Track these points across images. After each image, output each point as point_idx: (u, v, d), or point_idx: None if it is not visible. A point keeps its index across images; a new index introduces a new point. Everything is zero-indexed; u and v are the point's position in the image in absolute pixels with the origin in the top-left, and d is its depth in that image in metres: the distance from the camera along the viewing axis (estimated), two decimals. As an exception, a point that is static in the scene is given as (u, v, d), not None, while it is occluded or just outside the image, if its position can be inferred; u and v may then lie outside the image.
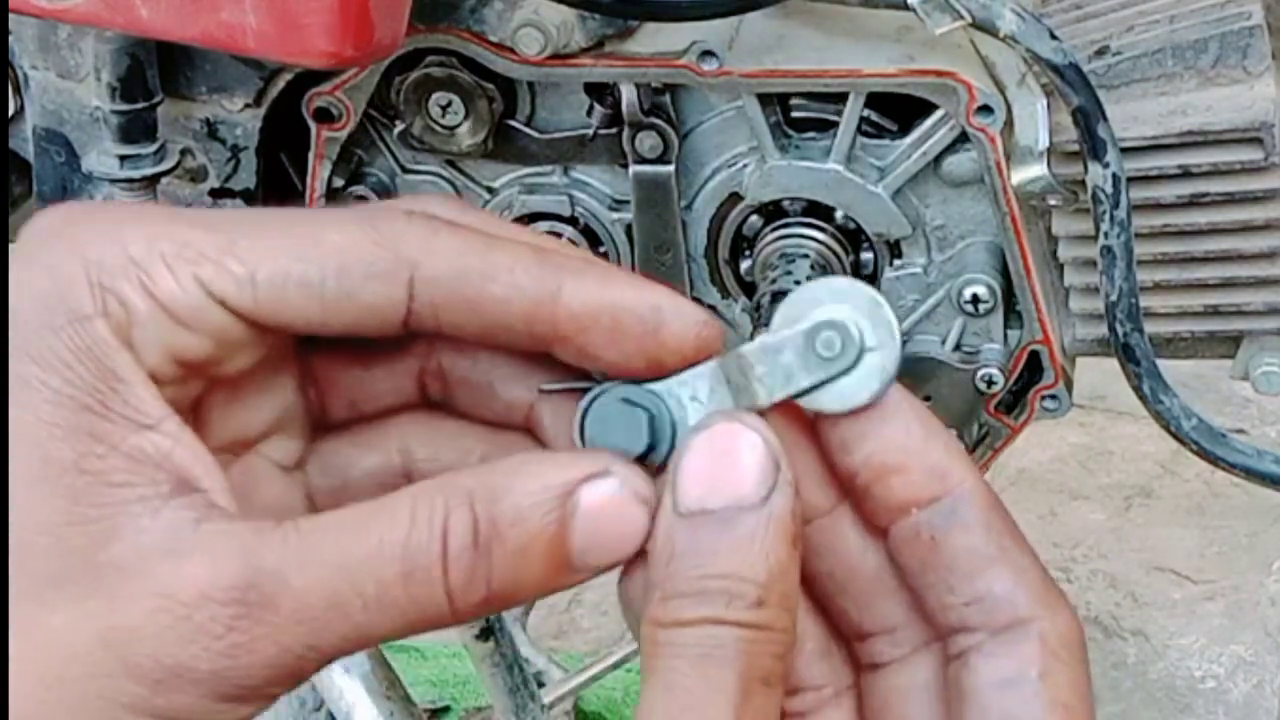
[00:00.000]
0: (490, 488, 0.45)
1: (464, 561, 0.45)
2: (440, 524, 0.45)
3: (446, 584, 0.45)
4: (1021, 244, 0.92)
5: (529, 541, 0.45)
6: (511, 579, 0.45)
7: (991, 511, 0.48)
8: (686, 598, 0.45)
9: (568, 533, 0.45)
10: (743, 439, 0.46)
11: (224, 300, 0.46)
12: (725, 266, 0.99)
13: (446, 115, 0.95)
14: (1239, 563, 2.36)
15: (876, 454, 0.48)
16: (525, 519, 0.45)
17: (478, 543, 0.45)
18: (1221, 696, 2.16)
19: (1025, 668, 0.47)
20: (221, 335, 0.46)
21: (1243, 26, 0.89)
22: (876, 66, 0.90)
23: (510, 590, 0.45)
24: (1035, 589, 0.47)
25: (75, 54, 0.95)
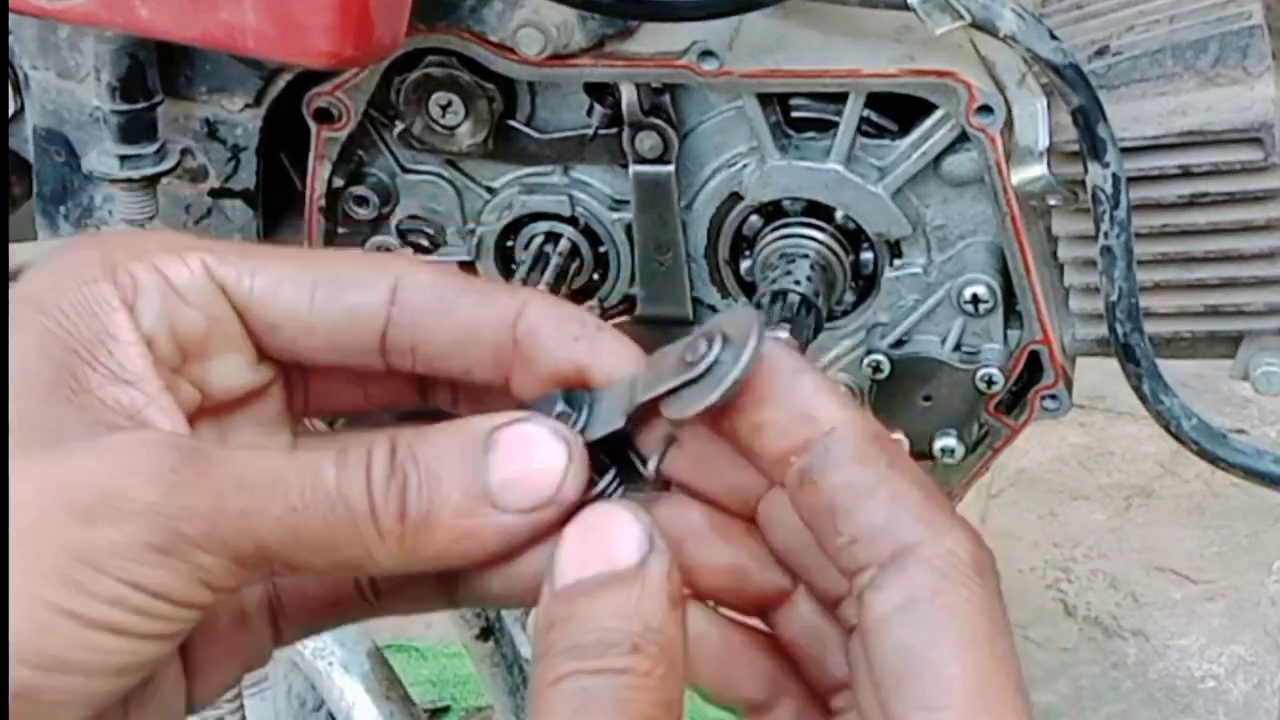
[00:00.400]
0: (417, 433, 0.48)
1: (381, 474, 0.46)
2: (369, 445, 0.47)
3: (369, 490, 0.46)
4: (1021, 244, 0.92)
5: (442, 466, 0.46)
6: (427, 501, 0.46)
7: (866, 443, 0.47)
8: (562, 655, 0.45)
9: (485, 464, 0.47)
10: (613, 518, 0.47)
11: (223, 285, 0.49)
12: (725, 266, 0.99)
13: (446, 115, 0.95)
14: (1239, 563, 2.36)
15: (747, 412, 0.48)
16: (441, 449, 0.47)
17: (394, 462, 0.47)
18: (1221, 696, 2.16)
19: (913, 592, 0.45)
20: (217, 319, 0.49)
21: (1243, 26, 0.89)
22: (876, 66, 0.90)
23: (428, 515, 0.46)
24: (917, 512, 0.46)
25: (75, 54, 0.95)
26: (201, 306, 0.49)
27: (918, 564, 0.46)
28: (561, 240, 0.99)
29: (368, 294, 0.50)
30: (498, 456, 0.47)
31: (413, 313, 0.50)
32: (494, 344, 0.50)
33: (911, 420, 0.97)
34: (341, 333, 0.50)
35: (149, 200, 0.94)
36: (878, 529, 0.46)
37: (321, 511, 0.46)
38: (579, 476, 0.48)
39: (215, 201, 0.99)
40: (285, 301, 0.49)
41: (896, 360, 0.95)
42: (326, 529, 0.46)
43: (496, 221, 1.00)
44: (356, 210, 1.01)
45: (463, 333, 0.50)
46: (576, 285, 1.00)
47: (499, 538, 0.47)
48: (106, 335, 0.47)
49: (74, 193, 0.99)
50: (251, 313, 0.49)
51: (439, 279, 0.50)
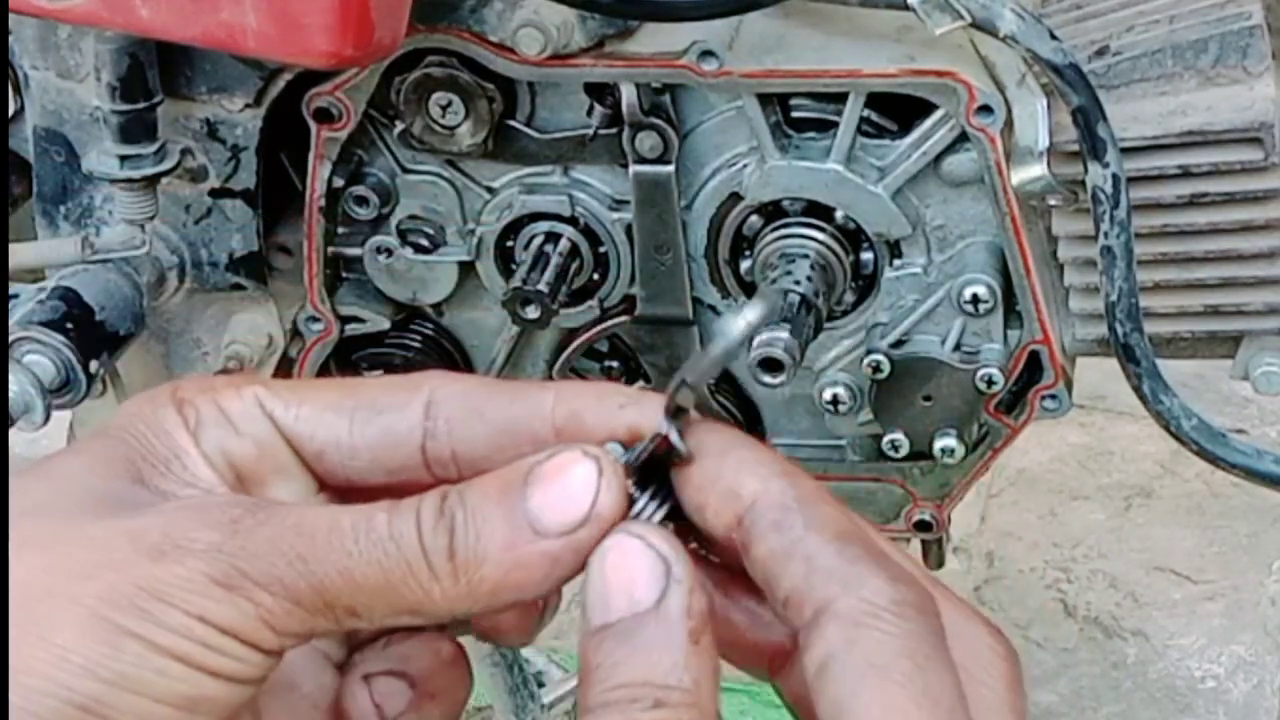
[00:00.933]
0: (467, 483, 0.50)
1: (430, 517, 0.49)
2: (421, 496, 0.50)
3: (419, 531, 0.48)
4: (1021, 244, 0.92)
5: (487, 505, 0.49)
6: (474, 537, 0.48)
7: (782, 511, 0.49)
8: (596, 711, 0.47)
9: (524, 491, 0.49)
10: (629, 548, 0.49)
11: (272, 415, 0.53)
12: (725, 266, 0.99)
13: (446, 115, 0.95)
14: (1239, 563, 2.36)
15: (689, 496, 0.51)
16: (486, 489, 0.49)
17: (443, 506, 0.49)
18: (1221, 696, 2.16)
19: (830, 648, 0.47)
20: (267, 446, 0.53)
21: (1243, 26, 0.89)
22: (876, 66, 0.90)
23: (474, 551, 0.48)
24: (829, 570, 0.48)
25: (75, 54, 0.95)
26: (252, 435, 0.52)
27: (831, 619, 0.47)
28: (561, 240, 0.99)
29: (403, 413, 0.52)
30: (535, 485, 0.49)
31: (448, 422, 0.52)
32: (531, 438, 0.52)
33: (911, 420, 0.97)
34: (383, 450, 0.53)
35: (149, 200, 0.94)
36: (799, 591, 0.48)
37: (376, 555, 0.48)
38: (613, 491, 0.49)
39: (215, 201, 0.99)
40: (327, 428, 0.53)
41: (896, 360, 0.95)
42: (381, 572, 0.48)
43: (496, 221, 1.00)
44: (356, 210, 1.01)
45: (499, 433, 0.52)
46: (576, 285, 1.00)
47: (546, 564, 0.49)
48: (180, 450, 0.51)
49: (74, 193, 0.99)
50: (299, 441, 0.53)
51: (470, 387, 0.53)
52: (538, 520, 0.48)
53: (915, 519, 1.04)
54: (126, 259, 0.97)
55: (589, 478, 0.49)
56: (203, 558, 0.47)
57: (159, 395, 0.53)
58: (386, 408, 0.53)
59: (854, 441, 1.03)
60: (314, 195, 0.98)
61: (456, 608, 0.49)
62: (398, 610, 0.49)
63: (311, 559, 0.48)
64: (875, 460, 1.02)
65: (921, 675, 0.46)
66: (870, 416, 0.99)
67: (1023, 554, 2.40)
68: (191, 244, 1.01)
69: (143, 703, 0.46)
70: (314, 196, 0.99)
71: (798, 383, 0.97)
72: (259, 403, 0.53)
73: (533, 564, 0.49)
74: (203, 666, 0.47)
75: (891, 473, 1.03)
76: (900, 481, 1.03)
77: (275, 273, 1.03)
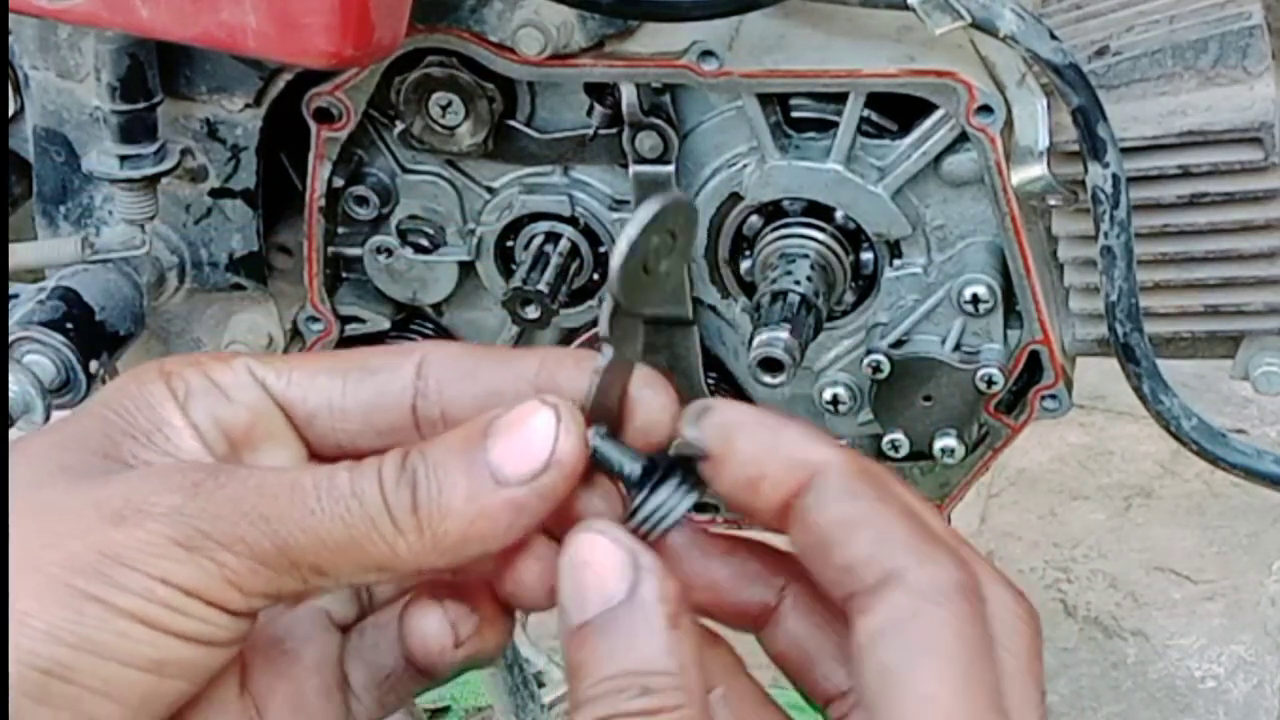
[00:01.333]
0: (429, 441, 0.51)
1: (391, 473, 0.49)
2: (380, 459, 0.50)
3: (381, 487, 0.49)
4: (1021, 244, 0.92)
5: (449, 458, 0.49)
6: (437, 490, 0.49)
7: (854, 480, 0.50)
8: (585, 706, 0.48)
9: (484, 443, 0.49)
10: (596, 545, 0.49)
11: (264, 382, 0.53)
12: (725, 266, 0.99)
13: (446, 115, 0.95)
14: (1239, 563, 2.36)
15: (735, 477, 0.51)
16: (448, 444, 0.50)
17: (405, 462, 0.50)
18: (1221, 696, 2.16)
19: (894, 615, 0.48)
20: (260, 412, 0.53)
21: (1243, 26, 0.89)
22: (876, 66, 0.90)
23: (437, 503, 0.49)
24: (902, 542, 0.49)
25: (75, 54, 0.95)
26: (244, 402, 0.53)
27: (900, 589, 0.48)
28: (561, 240, 0.99)
29: (395, 374, 0.53)
30: (495, 437, 0.50)
31: (438, 383, 0.53)
32: (516, 401, 0.52)
33: (911, 420, 0.97)
34: (375, 411, 0.53)
35: (149, 200, 0.94)
36: (866, 558, 0.49)
37: (339, 511, 0.49)
38: (572, 435, 0.50)
39: (215, 201, 0.99)
40: (320, 391, 0.53)
41: (896, 360, 0.95)
42: (345, 528, 0.49)
43: (496, 221, 1.00)
44: (356, 210, 1.01)
45: (487, 394, 0.52)
46: (576, 285, 1.00)
47: (510, 512, 0.49)
48: (163, 422, 0.51)
49: (74, 193, 0.99)
50: (291, 406, 0.53)
51: (460, 350, 0.54)
52: (499, 470, 0.49)
53: (915, 519, 1.04)
54: (126, 259, 0.97)
55: (548, 425, 0.49)
56: (164, 520, 0.47)
57: (144, 371, 0.53)
58: (380, 369, 0.53)
59: (854, 441, 1.03)
60: (314, 195, 0.98)
61: (423, 561, 0.49)
62: (364, 567, 0.49)
63: (274, 518, 0.48)
64: (875, 460, 1.02)
65: (975, 662, 0.47)
66: (870, 416, 0.99)
67: (1023, 554, 2.40)
68: (191, 244, 1.01)
69: (107, 666, 0.47)
70: (314, 196, 0.99)
71: (798, 383, 0.97)
72: (249, 371, 0.53)
73: (496, 513, 0.49)
74: (167, 629, 0.47)
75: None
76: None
77: (275, 273, 1.03)
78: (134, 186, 0.93)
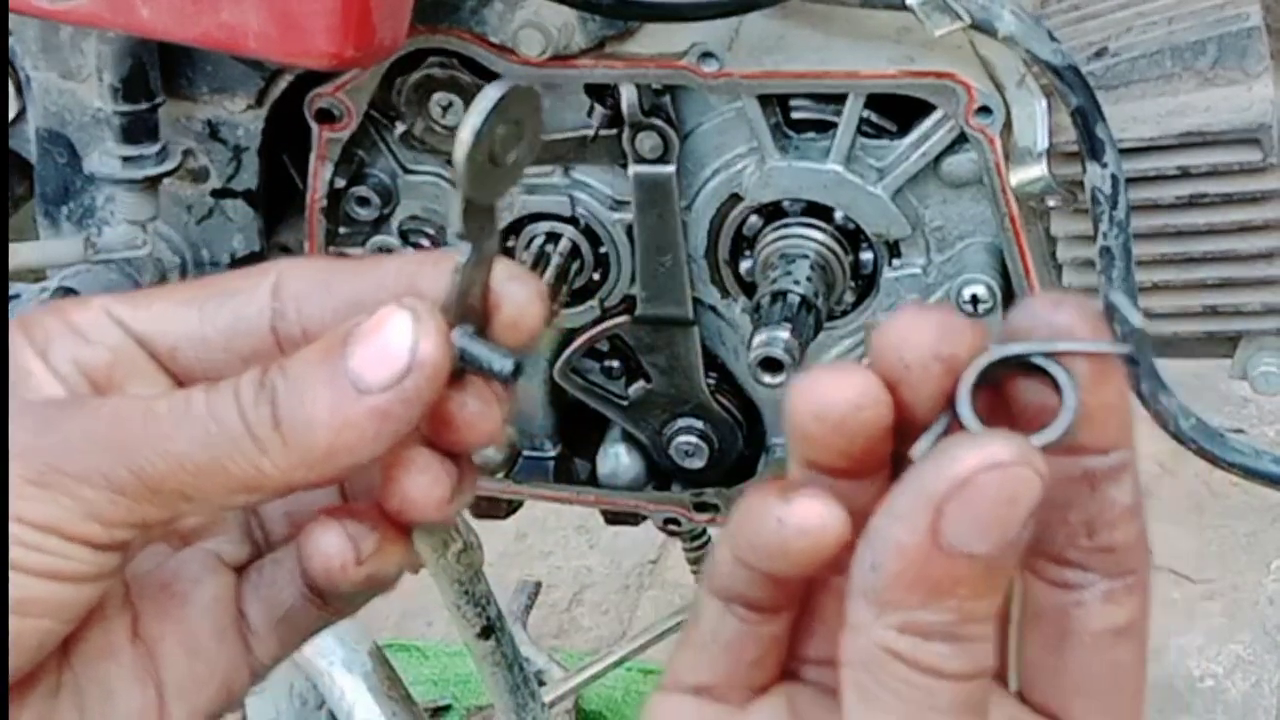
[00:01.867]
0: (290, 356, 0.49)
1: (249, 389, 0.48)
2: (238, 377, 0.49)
3: (239, 404, 0.48)
4: (1021, 244, 0.93)
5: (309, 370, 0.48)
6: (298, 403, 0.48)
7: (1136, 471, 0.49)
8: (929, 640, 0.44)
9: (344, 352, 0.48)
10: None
11: (121, 320, 0.52)
12: (725, 266, 0.99)
13: (447, 116, 0.96)
14: (1238, 562, 2.36)
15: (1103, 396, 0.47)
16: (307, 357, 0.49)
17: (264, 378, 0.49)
18: (1220, 695, 2.17)
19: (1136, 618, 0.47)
20: (119, 350, 0.52)
21: (1241, 27, 0.89)
22: (876, 67, 0.90)
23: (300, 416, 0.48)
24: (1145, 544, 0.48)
25: (77, 55, 0.95)
26: (104, 342, 0.51)
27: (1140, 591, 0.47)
28: (562, 240, 0.99)
29: (251, 295, 0.52)
30: (354, 344, 0.48)
31: (295, 300, 0.52)
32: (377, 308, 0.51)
33: (911, 420, 0.97)
34: (235, 337, 0.52)
35: (151, 201, 0.95)
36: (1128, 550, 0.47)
37: (196, 433, 0.48)
38: (431, 336, 0.48)
39: (217, 202, 0.99)
40: (177, 323, 0.52)
41: (896, 360, 0.95)
42: (204, 450, 0.48)
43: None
44: (358, 211, 1.01)
45: (345, 306, 0.51)
46: (576, 285, 1.00)
47: (375, 420, 0.48)
48: (24, 373, 0.50)
49: (76, 194, 0.99)
50: (151, 341, 0.52)
51: (316, 264, 0.53)
52: (359, 378, 0.48)
53: (915, 518, 1.05)
54: (128, 259, 0.97)
55: (405, 328, 0.48)
56: (16, 462, 0.47)
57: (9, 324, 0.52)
58: (235, 293, 0.52)
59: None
60: (315, 196, 0.99)
61: (293, 478, 0.48)
62: (231, 489, 0.48)
63: (129, 446, 0.47)
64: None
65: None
66: (870, 416, 0.99)
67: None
68: (193, 244, 1.01)
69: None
70: (315, 197, 0.99)
71: (798, 383, 0.97)
72: (106, 311, 0.52)
73: (362, 422, 0.48)
74: (25, 567, 0.47)
75: (891, 472, 1.03)
76: (900, 481, 1.03)
77: (276, 273, 1.03)
78: (136, 187, 0.94)
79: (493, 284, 0.51)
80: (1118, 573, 0.47)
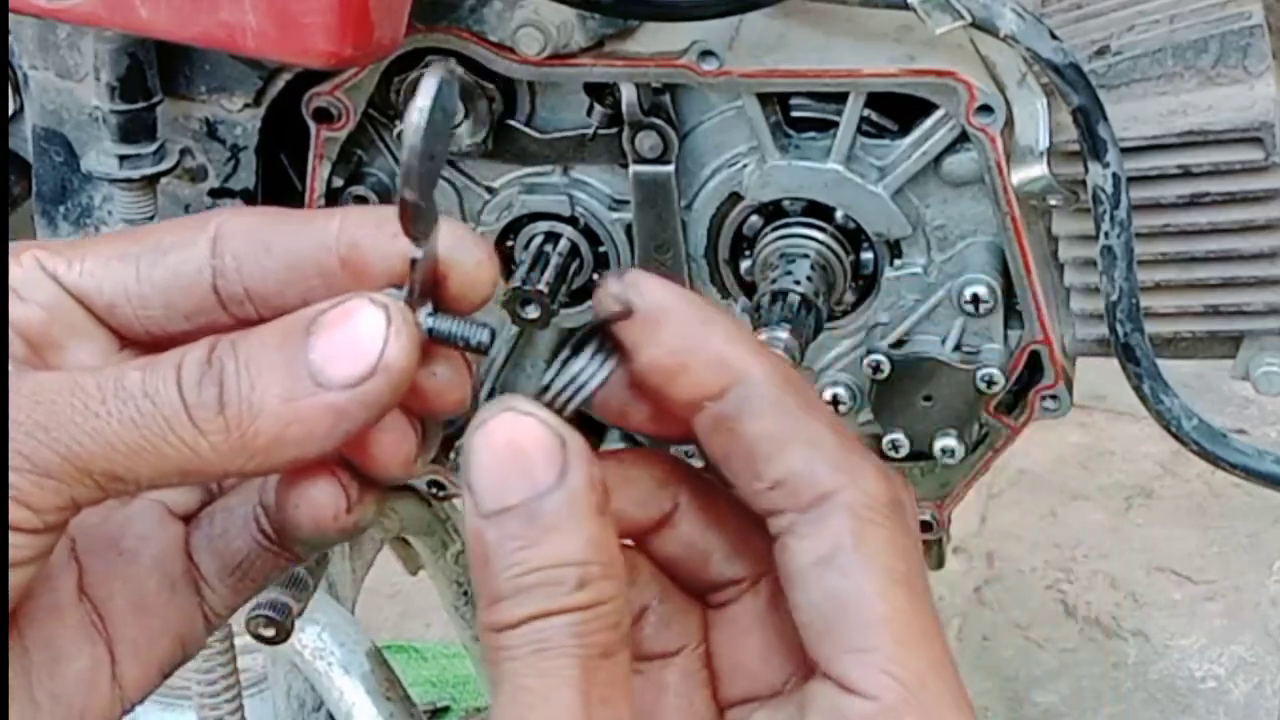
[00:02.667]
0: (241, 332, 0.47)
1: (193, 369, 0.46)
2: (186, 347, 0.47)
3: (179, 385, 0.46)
4: (1022, 244, 0.92)
5: (263, 354, 0.46)
6: (248, 389, 0.46)
7: (782, 391, 0.48)
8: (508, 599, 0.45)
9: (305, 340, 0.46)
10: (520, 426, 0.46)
11: (55, 275, 0.50)
12: (725, 266, 0.99)
13: (446, 115, 0.95)
14: (1239, 563, 2.36)
15: (657, 359, 0.49)
16: (263, 338, 0.47)
17: (210, 357, 0.46)
18: (1222, 697, 2.16)
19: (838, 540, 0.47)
20: (56, 309, 0.50)
21: (1243, 26, 0.89)
22: (876, 66, 0.89)
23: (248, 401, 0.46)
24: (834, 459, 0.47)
25: (75, 54, 0.95)
26: (38, 300, 0.49)
27: (838, 511, 0.47)
28: (561, 240, 0.99)
29: (190, 251, 0.50)
30: (318, 335, 0.46)
31: (236, 258, 0.50)
32: (320, 269, 0.49)
33: (911, 420, 0.97)
34: (175, 294, 0.50)
35: (148, 200, 0.94)
36: (798, 476, 0.47)
37: (128, 413, 0.46)
38: (403, 341, 0.47)
39: (215, 201, 0.99)
40: (114, 278, 0.50)
41: (896, 360, 0.95)
42: (136, 430, 0.46)
43: (496, 221, 1.00)
44: (356, 210, 1.01)
45: (287, 267, 0.50)
46: (576, 285, 1.00)
47: (330, 417, 0.46)
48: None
49: (73, 193, 0.99)
50: (88, 297, 0.50)
51: (256, 220, 0.50)
52: (320, 371, 0.46)
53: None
54: (126, 259, 0.97)
55: (376, 326, 0.46)
56: None
57: None
58: (172, 248, 0.50)
59: (854, 442, 1.03)
60: (313, 195, 0.98)
61: (231, 465, 0.46)
62: (164, 471, 0.46)
63: (54, 426, 0.45)
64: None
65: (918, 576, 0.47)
66: (870, 416, 0.99)
67: (1023, 554, 2.40)
68: (191, 244, 1.01)
69: None
70: (313, 196, 0.98)
71: (798, 383, 0.97)
72: (39, 265, 0.50)
73: (314, 417, 0.46)
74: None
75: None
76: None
77: (275, 273, 1.03)
78: (133, 186, 0.93)
79: (440, 253, 0.49)
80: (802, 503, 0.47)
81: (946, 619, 2.31)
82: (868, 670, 0.46)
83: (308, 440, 0.46)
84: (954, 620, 2.30)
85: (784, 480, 0.47)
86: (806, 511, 0.47)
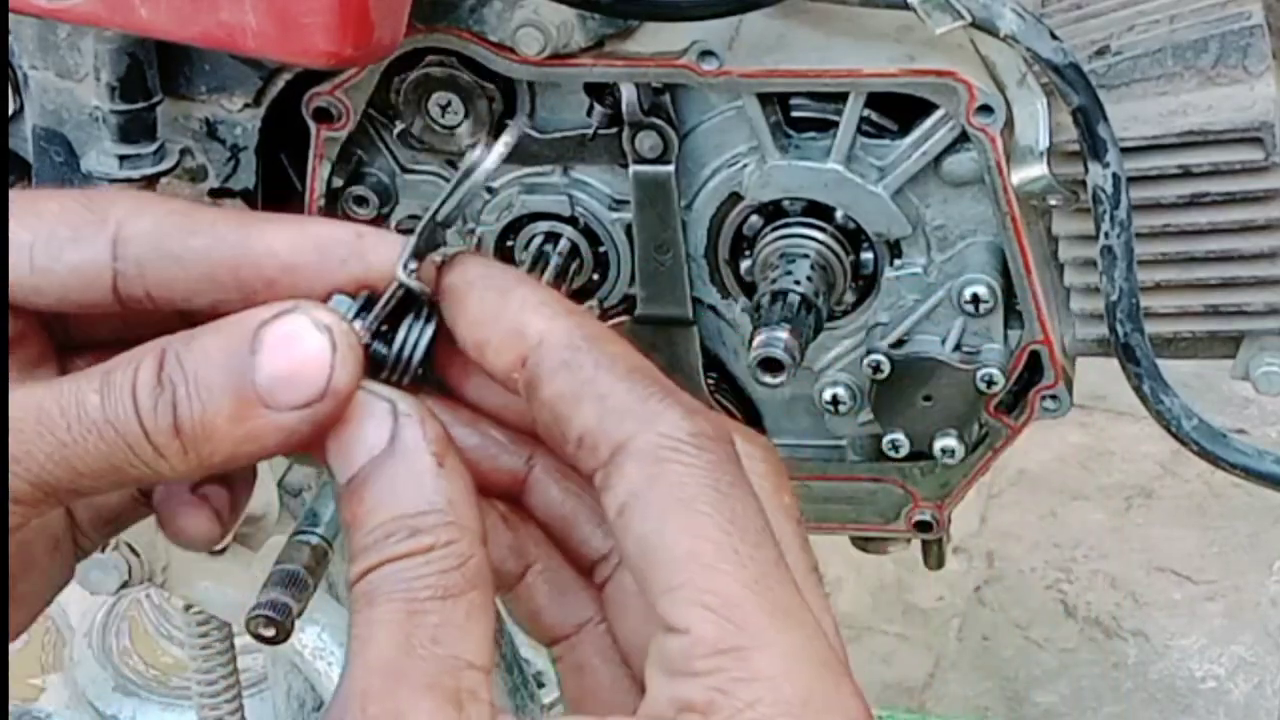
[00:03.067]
0: (185, 339, 0.48)
1: (147, 393, 0.47)
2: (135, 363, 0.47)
3: (137, 411, 0.46)
4: (1022, 244, 0.92)
5: (211, 373, 0.47)
6: (200, 412, 0.47)
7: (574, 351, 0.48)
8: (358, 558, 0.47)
9: (252, 365, 0.47)
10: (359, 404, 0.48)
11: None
12: (725, 266, 0.99)
13: (446, 115, 0.95)
14: (1239, 563, 2.36)
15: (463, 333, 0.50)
16: (209, 353, 0.47)
17: (161, 376, 0.47)
18: (1222, 697, 2.16)
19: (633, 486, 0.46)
20: None
21: (1243, 26, 0.89)
22: (876, 66, 0.89)
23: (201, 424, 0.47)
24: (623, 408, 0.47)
25: (75, 54, 0.95)
26: None
27: (630, 457, 0.47)
28: (561, 240, 0.99)
29: (87, 250, 0.50)
30: (263, 355, 0.47)
31: (139, 264, 0.50)
32: (237, 284, 0.50)
33: (911, 420, 0.97)
34: (70, 290, 0.50)
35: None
36: (591, 432, 0.47)
37: (92, 441, 0.46)
38: (348, 365, 0.48)
39: (215, 201, 0.99)
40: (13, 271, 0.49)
41: (896, 360, 0.95)
42: (102, 457, 0.47)
43: (496, 221, 1.00)
44: (356, 210, 1.01)
45: (198, 278, 0.50)
46: (576, 285, 1.00)
47: (280, 435, 0.47)
48: None
49: (73, 193, 0.99)
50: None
51: (161, 222, 0.50)
52: (269, 394, 0.47)
53: (915, 519, 1.04)
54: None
55: (322, 353, 0.47)
56: None
57: None
58: (67, 243, 0.49)
59: (854, 441, 1.03)
60: (313, 195, 0.98)
61: (187, 476, 0.48)
62: (124, 485, 0.48)
63: (24, 457, 0.46)
64: (875, 460, 1.02)
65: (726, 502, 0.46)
66: (870, 416, 0.99)
67: (1023, 554, 2.40)
68: (191, 244, 1.01)
69: None
70: (313, 196, 0.98)
71: (798, 383, 0.97)
72: None
73: (264, 436, 0.47)
74: None
75: (891, 473, 1.03)
76: (900, 482, 1.03)
77: (275, 273, 1.03)
78: (133, 186, 0.93)
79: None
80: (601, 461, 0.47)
81: (946, 619, 2.31)
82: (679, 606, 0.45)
83: (261, 453, 0.48)
84: (954, 620, 2.30)
85: (581, 438, 0.48)
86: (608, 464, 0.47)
